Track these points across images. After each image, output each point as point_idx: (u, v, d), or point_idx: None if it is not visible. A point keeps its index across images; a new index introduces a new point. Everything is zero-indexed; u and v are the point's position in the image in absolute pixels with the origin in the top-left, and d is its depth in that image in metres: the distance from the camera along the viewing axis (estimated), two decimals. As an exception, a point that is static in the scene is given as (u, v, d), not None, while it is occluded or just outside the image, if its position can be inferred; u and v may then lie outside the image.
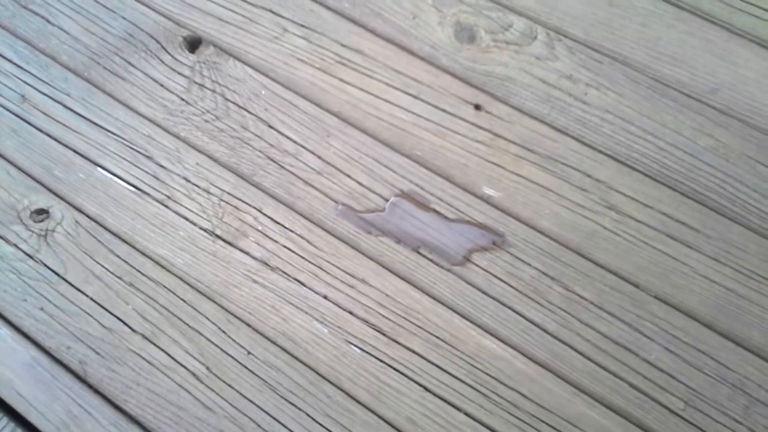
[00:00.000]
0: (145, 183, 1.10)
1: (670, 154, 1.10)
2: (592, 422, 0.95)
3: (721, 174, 1.08)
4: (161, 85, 1.17)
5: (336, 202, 1.08)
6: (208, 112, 1.15)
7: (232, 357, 0.99)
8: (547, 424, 0.95)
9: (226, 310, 1.02)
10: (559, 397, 0.96)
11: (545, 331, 1.00)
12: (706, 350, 0.98)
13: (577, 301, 1.01)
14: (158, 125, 1.14)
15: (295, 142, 1.12)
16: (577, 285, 1.02)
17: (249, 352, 0.99)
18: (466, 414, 0.96)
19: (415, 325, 1.00)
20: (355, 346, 0.99)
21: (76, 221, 1.07)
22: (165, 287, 1.03)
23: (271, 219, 1.07)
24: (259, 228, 1.06)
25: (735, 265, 1.03)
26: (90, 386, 0.98)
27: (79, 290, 1.03)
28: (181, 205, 1.08)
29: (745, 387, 0.96)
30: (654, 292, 1.02)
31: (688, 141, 1.11)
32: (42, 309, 1.02)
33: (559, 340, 0.99)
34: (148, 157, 1.11)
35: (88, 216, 1.08)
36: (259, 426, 0.95)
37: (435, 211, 1.07)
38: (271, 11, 1.22)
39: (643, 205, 1.06)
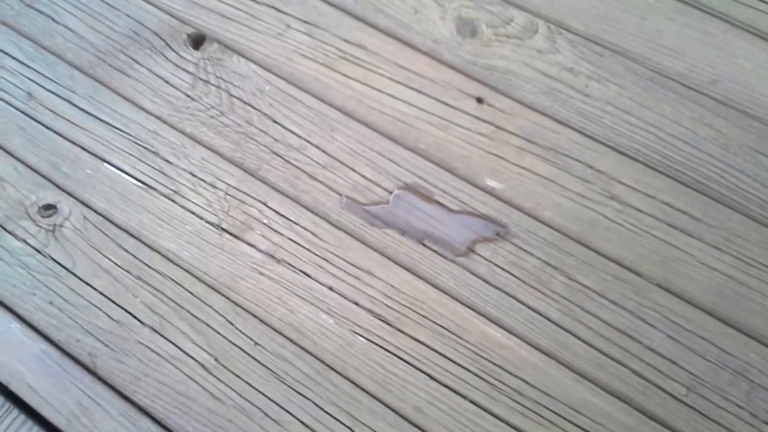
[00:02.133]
0: (151, 178, 1.11)
1: (670, 145, 1.11)
2: (595, 408, 0.96)
3: (722, 164, 1.09)
4: (166, 82, 1.18)
5: (341, 195, 1.09)
6: (213, 107, 1.16)
7: (240, 348, 1.00)
8: (551, 410, 0.96)
9: (233, 302, 1.03)
10: (562, 384, 0.97)
11: (548, 319, 1.01)
12: (708, 337, 0.99)
13: (579, 289, 1.02)
14: (164, 121, 1.15)
15: (299, 136, 1.13)
16: (579, 274, 1.03)
17: (256, 343, 1.00)
18: (471, 401, 0.97)
19: (420, 315, 1.01)
20: (361, 336, 1.00)
21: (84, 216, 1.08)
22: (173, 280, 1.04)
23: (277, 212, 1.08)
24: (265, 221, 1.07)
25: (736, 253, 1.04)
26: (99, 378, 0.99)
27: (88, 284, 1.04)
28: (188, 199, 1.09)
29: (747, 373, 0.97)
30: (656, 280, 1.03)
31: (688, 131, 1.12)
32: (51, 303, 1.03)
33: (562, 328, 1.00)
34: (154, 152, 1.13)
35: (95, 211, 1.09)
36: (267, 415, 0.96)
37: (438, 203, 1.08)
38: (274, 8, 1.23)
39: (645, 195, 1.08)
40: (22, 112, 1.16)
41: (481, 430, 0.95)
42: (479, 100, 1.15)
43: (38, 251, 1.06)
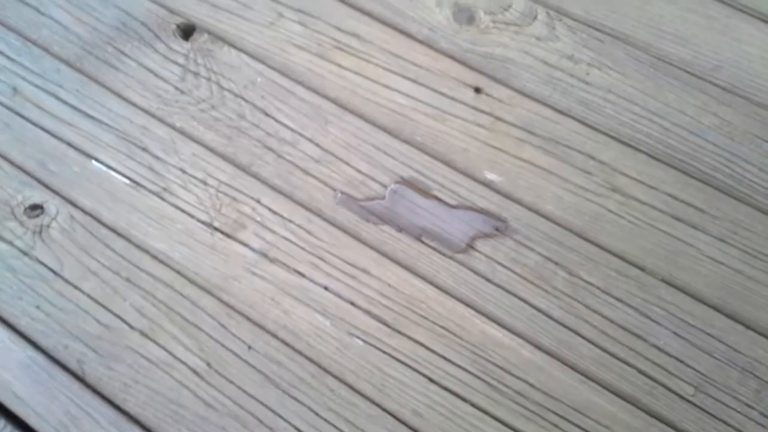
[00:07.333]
0: (140, 175, 1.08)
1: (674, 134, 1.08)
2: (600, 410, 0.93)
3: (726, 153, 1.06)
4: (155, 75, 1.15)
5: (335, 190, 1.06)
6: (203, 101, 1.12)
7: (233, 352, 0.97)
8: (554, 412, 0.93)
9: (226, 304, 1.00)
10: (566, 385, 0.95)
11: (551, 317, 0.98)
12: (715, 334, 0.96)
13: (582, 286, 0.99)
14: (153, 115, 1.12)
15: (292, 130, 1.10)
16: (582, 270, 1.00)
17: (250, 347, 0.97)
18: (472, 404, 0.94)
19: (419, 315, 0.98)
20: (358, 337, 0.98)
21: (72, 216, 1.05)
22: (163, 282, 1.01)
23: (270, 210, 1.05)
24: (258, 219, 1.04)
25: (742, 246, 1.01)
26: (88, 386, 0.96)
27: (76, 287, 1.01)
28: (178, 197, 1.06)
29: (756, 370, 0.95)
30: (660, 275, 1.00)
31: (692, 120, 1.09)
32: (38, 307, 1.00)
33: (565, 327, 0.97)
34: (143, 148, 1.09)
35: (83, 210, 1.06)
36: (261, 422, 0.94)
37: (436, 197, 1.05)
38: (264, -4, 1.20)
39: (648, 186, 1.05)
40: (7, 108, 1.13)
41: (482, 433, 0.93)
42: (477, 90, 1.12)
43: (25, 253, 1.03)
